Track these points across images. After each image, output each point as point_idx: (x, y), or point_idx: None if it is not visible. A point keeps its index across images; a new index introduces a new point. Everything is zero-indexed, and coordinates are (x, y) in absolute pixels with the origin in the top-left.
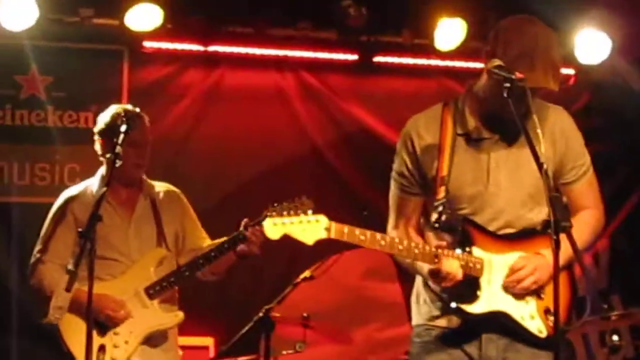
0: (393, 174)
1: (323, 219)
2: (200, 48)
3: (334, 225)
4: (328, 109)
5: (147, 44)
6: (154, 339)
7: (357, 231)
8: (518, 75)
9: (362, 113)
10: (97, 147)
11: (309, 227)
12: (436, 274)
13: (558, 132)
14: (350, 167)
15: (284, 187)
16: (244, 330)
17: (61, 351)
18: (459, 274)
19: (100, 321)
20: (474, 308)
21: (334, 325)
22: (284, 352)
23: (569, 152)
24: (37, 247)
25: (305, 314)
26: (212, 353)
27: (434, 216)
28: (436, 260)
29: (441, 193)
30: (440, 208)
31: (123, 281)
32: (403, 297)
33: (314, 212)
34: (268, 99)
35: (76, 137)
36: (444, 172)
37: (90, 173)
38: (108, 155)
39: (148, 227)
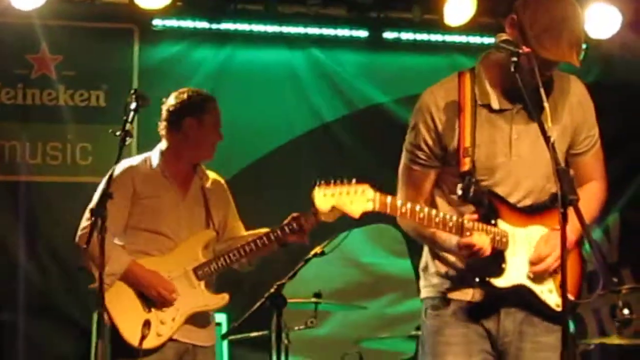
0: (408, 147)
1: (368, 190)
2: (211, 25)
3: (378, 196)
4: (337, 86)
5: (157, 21)
6: (197, 319)
7: (399, 203)
8: (524, 49)
9: (372, 90)
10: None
11: (356, 198)
12: (467, 247)
13: (576, 102)
14: (360, 144)
15: (293, 164)
16: (255, 307)
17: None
18: (488, 248)
19: (149, 296)
20: (500, 282)
21: (345, 301)
22: (296, 328)
23: (585, 123)
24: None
25: (317, 290)
26: (224, 329)
27: (460, 187)
28: (468, 233)
29: (466, 165)
30: (467, 180)
31: (172, 258)
32: (414, 273)
33: (358, 182)
34: (278, 76)
35: (87, 116)
36: (467, 142)
37: (101, 152)
38: (118, 133)
39: (199, 208)
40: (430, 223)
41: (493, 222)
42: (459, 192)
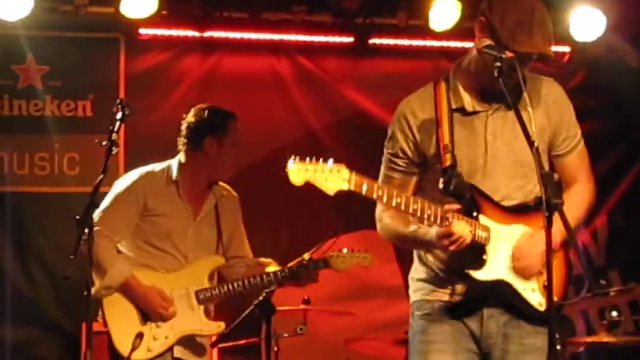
0: (386, 156)
1: (344, 170)
2: (196, 34)
3: (354, 176)
4: (324, 92)
5: (143, 31)
6: (192, 346)
7: (376, 186)
8: (508, 54)
9: (358, 96)
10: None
11: (331, 177)
12: (446, 236)
13: (551, 103)
14: (347, 150)
15: (279, 171)
16: (244, 314)
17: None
18: (468, 237)
19: (146, 311)
20: (480, 274)
21: (334, 306)
22: (285, 335)
23: (562, 123)
24: (98, 218)
25: (305, 297)
26: (214, 337)
27: (442, 181)
28: (447, 222)
29: (448, 160)
30: (449, 173)
31: (176, 278)
32: (402, 277)
33: (335, 162)
34: (264, 84)
35: (74, 126)
36: (446, 140)
37: (89, 162)
38: (104, 143)
39: (209, 230)
40: (407, 209)
41: (474, 215)
42: (441, 185)
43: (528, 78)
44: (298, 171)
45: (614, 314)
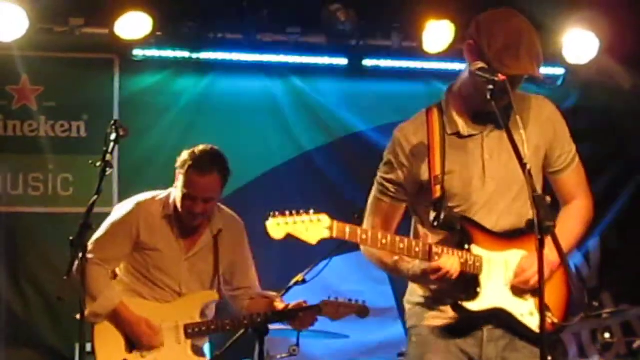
0: (379, 179)
1: (325, 218)
2: (191, 55)
3: (336, 224)
4: (317, 114)
5: (137, 52)
6: None
7: (359, 230)
8: (501, 77)
9: (352, 117)
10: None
11: (312, 226)
12: (434, 271)
13: (545, 119)
14: (340, 172)
15: (274, 193)
16: (238, 335)
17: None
18: (456, 271)
19: (132, 339)
20: (473, 305)
21: (327, 328)
22: (279, 357)
23: (557, 139)
24: (92, 245)
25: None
26: (208, 357)
27: (432, 215)
28: (436, 257)
29: (437, 192)
30: (439, 206)
31: (167, 310)
32: (394, 299)
33: (316, 212)
34: (258, 105)
35: (68, 147)
36: (437, 171)
37: (83, 183)
38: (98, 164)
39: (204, 265)
40: (394, 249)
41: (466, 247)
42: (431, 219)
43: (517, 98)
44: (277, 226)
45: (607, 335)
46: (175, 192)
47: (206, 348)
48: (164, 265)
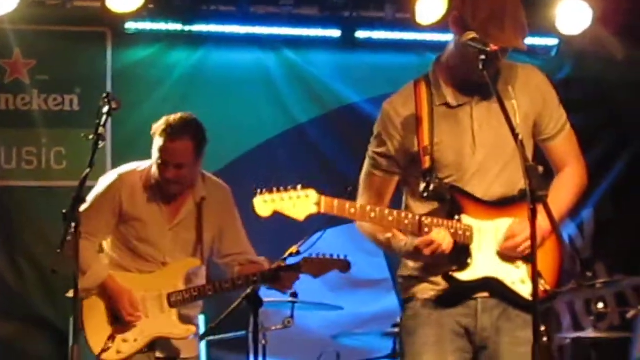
0: (370, 154)
1: (312, 194)
2: (183, 27)
3: (323, 199)
4: (310, 86)
5: (130, 24)
6: (172, 347)
7: (347, 205)
8: (492, 47)
9: (345, 89)
10: None
11: (299, 203)
12: (426, 245)
13: (533, 87)
14: (334, 144)
15: (268, 165)
16: (232, 307)
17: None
18: (449, 244)
19: (116, 313)
20: (465, 275)
21: (321, 300)
22: (273, 328)
23: (547, 106)
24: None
25: (293, 290)
26: (202, 330)
27: (422, 186)
28: (426, 230)
29: (427, 163)
30: (428, 177)
31: (150, 279)
32: (389, 271)
33: (304, 187)
34: (251, 77)
35: (61, 120)
36: (426, 142)
37: (76, 156)
38: (91, 137)
39: (187, 233)
40: (382, 222)
41: (457, 217)
42: (421, 189)
43: (505, 67)
44: (264, 203)
45: (600, 305)
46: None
47: (200, 320)
48: (147, 236)
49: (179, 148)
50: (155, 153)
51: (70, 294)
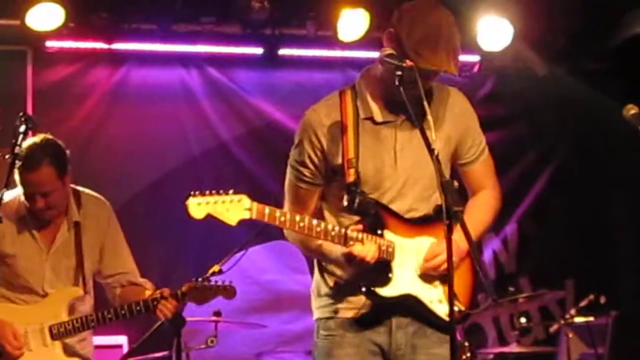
0: (293, 163)
1: (245, 199)
2: (104, 46)
3: (255, 205)
4: (234, 103)
5: (50, 43)
6: None
7: (278, 212)
8: (408, 63)
9: (268, 107)
10: None
11: (232, 207)
12: (351, 257)
13: (458, 112)
14: (257, 161)
15: (191, 183)
16: (154, 328)
17: None
18: (372, 257)
19: None
20: (386, 291)
21: (245, 319)
22: (196, 348)
23: (469, 132)
24: None
25: (216, 309)
26: (125, 350)
27: (346, 199)
28: (351, 242)
29: (351, 176)
30: (353, 191)
31: (32, 311)
32: None
33: (236, 193)
34: (174, 96)
35: None
36: (351, 154)
37: None
38: (7, 156)
39: (67, 260)
40: (311, 232)
41: (379, 232)
42: (345, 203)
43: (435, 88)
44: (198, 205)
45: (523, 320)
46: None
47: (123, 340)
48: (23, 270)
49: (40, 177)
50: (19, 186)
51: None
